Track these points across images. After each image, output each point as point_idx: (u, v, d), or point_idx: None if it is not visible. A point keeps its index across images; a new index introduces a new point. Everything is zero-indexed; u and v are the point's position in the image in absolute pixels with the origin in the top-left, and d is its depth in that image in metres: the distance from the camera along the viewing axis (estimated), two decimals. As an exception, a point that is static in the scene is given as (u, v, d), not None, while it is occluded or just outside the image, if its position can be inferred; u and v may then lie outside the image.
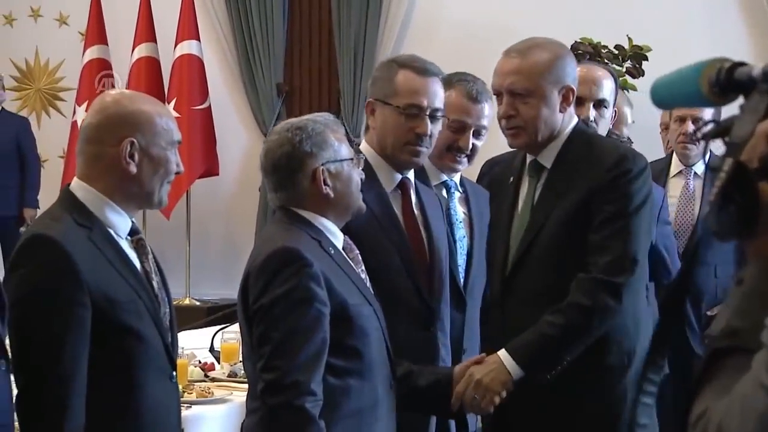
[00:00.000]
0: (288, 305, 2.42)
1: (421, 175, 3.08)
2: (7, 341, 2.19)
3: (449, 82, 3.06)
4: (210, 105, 7.53)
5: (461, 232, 3.13)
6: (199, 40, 7.49)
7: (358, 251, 2.67)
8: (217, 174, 7.59)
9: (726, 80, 1.27)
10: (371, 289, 2.64)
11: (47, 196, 7.43)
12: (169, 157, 2.41)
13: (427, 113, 2.83)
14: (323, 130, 2.61)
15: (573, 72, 2.83)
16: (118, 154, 2.37)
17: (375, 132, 2.94)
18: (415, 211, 2.94)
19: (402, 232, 2.87)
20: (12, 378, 2.24)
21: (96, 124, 2.42)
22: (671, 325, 1.33)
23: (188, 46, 7.45)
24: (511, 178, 2.92)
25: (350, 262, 2.62)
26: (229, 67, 7.81)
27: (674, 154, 4.65)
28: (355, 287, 2.55)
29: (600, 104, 3.51)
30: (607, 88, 3.56)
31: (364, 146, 3.01)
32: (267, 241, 2.58)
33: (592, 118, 3.44)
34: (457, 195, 3.23)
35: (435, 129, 2.87)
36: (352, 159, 2.60)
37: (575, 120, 2.85)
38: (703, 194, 4.49)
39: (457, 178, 3.29)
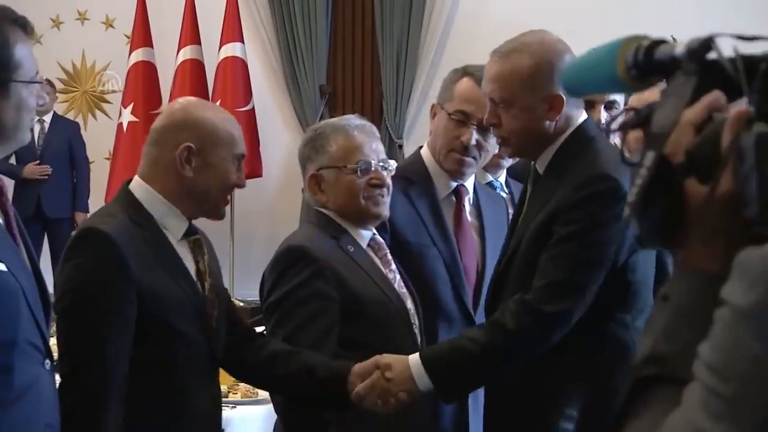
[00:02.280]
0: (294, 302, 2.50)
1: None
2: (52, 341, 2.21)
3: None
4: (254, 107, 7.58)
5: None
6: (243, 43, 7.54)
7: (387, 251, 2.70)
8: (261, 175, 7.63)
9: (645, 61, 1.09)
10: (403, 289, 2.67)
11: (94, 197, 7.53)
12: (227, 167, 2.42)
13: (474, 122, 2.81)
14: (328, 134, 2.64)
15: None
16: (175, 158, 2.40)
17: (431, 136, 2.95)
18: (469, 219, 2.94)
19: (450, 241, 2.87)
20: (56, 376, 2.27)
21: (161, 128, 2.46)
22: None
23: (232, 49, 7.51)
24: (528, 179, 2.69)
25: (375, 260, 2.65)
26: (273, 69, 7.85)
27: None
28: (374, 284, 2.57)
29: (611, 106, 3.47)
30: None
31: (424, 150, 3.01)
32: (285, 240, 2.65)
33: (603, 121, 3.38)
34: (504, 196, 3.23)
35: (485, 140, 2.83)
36: (346, 166, 2.60)
37: (579, 120, 2.50)
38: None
39: (502, 178, 3.28)
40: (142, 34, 7.68)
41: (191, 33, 7.58)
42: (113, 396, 2.27)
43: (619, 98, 3.45)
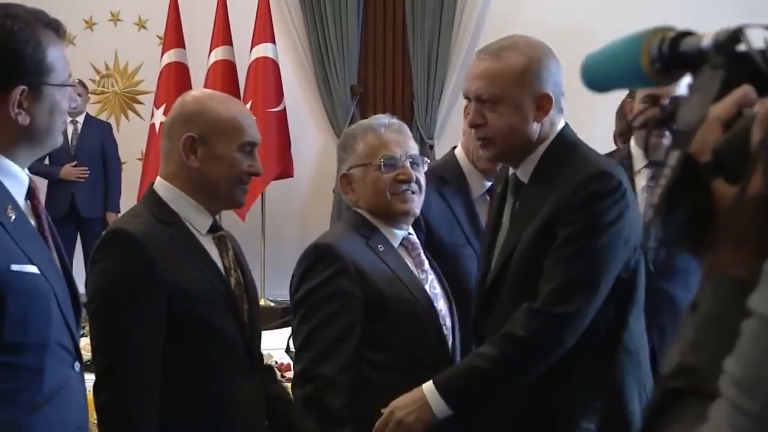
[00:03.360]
0: (317, 299, 2.53)
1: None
2: (82, 342, 2.23)
3: None
4: (285, 107, 7.59)
5: None
6: (275, 43, 7.56)
7: (420, 251, 2.70)
8: (292, 175, 7.65)
9: (670, 54, 1.03)
10: (436, 290, 2.67)
11: (126, 197, 7.58)
12: (236, 157, 2.42)
13: None
14: (357, 134, 2.67)
15: (552, 77, 2.45)
16: (179, 148, 2.42)
17: (465, 135, 2.95)
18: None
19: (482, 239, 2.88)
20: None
21: (170, 121, 2.49)
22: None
23: (264, 49, 7.52)
24: (499, 188, 2.62)
25: (407, 259, 2.66)
26: (304, 69, 7.87)
27: (632, 144, 3.59)
28: (400, 284, 2.58)
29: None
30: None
31: (458, 150, 3.01)
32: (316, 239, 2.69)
33: None
34: None
35: None
36: (371, 163, 2.61)
37: (559, 126, 2.47)
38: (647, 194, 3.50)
39: None
40: (174, 35, 7.72)
41: (223, 34, 7.61)
42: (146, 395, 2.28)
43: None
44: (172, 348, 2.31)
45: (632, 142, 3.45)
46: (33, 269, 1.96)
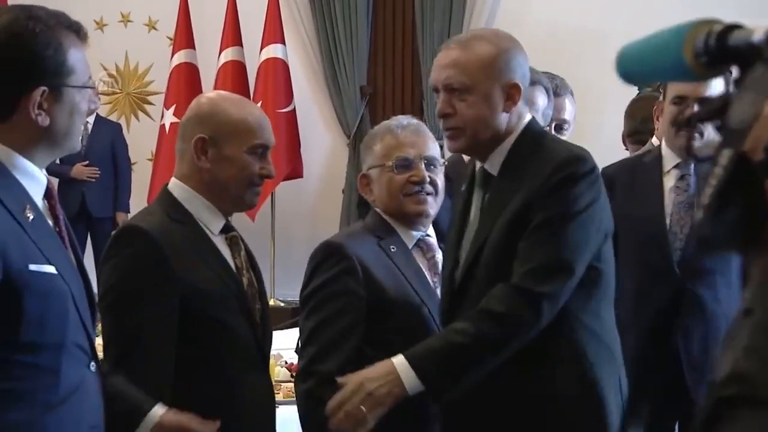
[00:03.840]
0: (323, 296, 2.54)
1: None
2: (98, 341, 2.23)
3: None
4: (294, 108, 7.60)
5: None
6: (285, 44, 7.56)
7: (435, 253, 2.69)
8: (301, 176, 7.65)
9: (717, 47, 0.99)
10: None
11: (136, 198, 7.59)
12: (246, 159, 2.43)
13: None
14: (376, 134, 2.69)
15: (521, 68, 2.44)
16: (191, 149, 2.44)
17: None
18: None
19: None
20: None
21: (184, 122, 2.52)
22: (662, 361, 1.03)
23: (274, 50, 7.53)
24: (463, 186, 2.58)
25: (421, 262, 2.66)
26: (314, 70, 7.87)
27: (663, 145, 3.49)
28: (408, 286, 2.57)
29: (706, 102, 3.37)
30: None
31: None
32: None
33: None
34: None
35: None
36: (386, 164, 2.62)
37: (526, 119, 2.45)
38: (691, 194, 3.41)
39: None
40: (184, 36, 7.73)
41: (233, 35, 7.62)
42: (155, 392, 2.29)
43: (717, 92, 3.31)
44: (184, 346, 2.32)
45: (663, 142, 3.42)
46: (50, 269, 1.97)
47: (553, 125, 3.07)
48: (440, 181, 2.66)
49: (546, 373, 2.35)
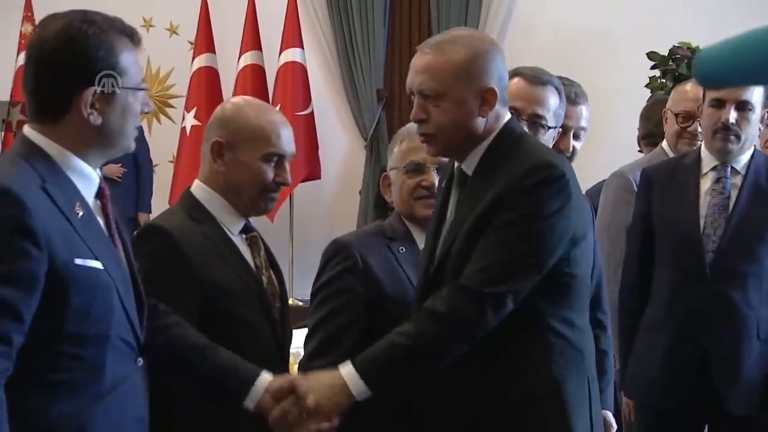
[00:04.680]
0: (325, 294, 2.57)
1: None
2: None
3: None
4: (312, 111, 7.62)
5: None
6: (303, 48, 7.59)
7: None
8: (319, 178, 7.67)
9: None
10: None
11: (157, 199, 7.63)
12: (260, 166, 2.46)
13: (525, 118, 2.79)
14: (396, 138, 2.71)
15: (497, 71, 2.35)
16: (209, 152, 2.49)
17: None
18: None
19: None
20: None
21: (208, 125, 2.56)
22: (691, 362, 0.85)
23: (292, 54, 7.56)
24: (444, 182, 2.53)
25: None
26: (331, 73, 7.90)
27: (702, 147, 3.43)
28: (410, 285, 2.57)
29: (743, 106, 3.28)
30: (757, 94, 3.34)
31: None
32: None
33: (732, 121, 3.26)
34: None
35: (537, 136, 2.79)
36: (400, 167, 2.64)
37: (504, 119, 2.37)
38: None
39: None
40: (204, 41, 7.76)
41: (252, 39, 7.65)
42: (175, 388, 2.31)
43: (757, 97, 3.27)
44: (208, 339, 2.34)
45: (702, 145, 3.42)
46: (96, 264, 2.01)
47: (570, 133, 3.05)
48: None
49: (511, 373, 2.29)
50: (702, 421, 3.38)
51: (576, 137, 3.10)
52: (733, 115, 3.28)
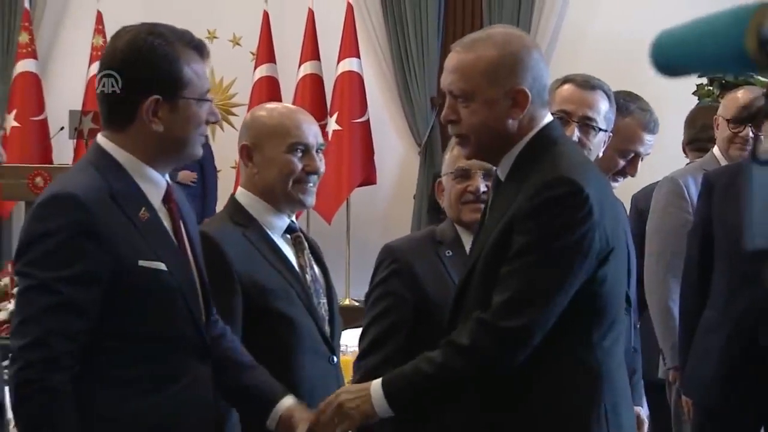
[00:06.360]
0: (375, 297, 2.59)
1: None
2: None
3: (626, 108, 2.96)
4: (369, 118, 7.64)
5: None
6: (359, 58, 7.61)
7: None
8: (375, 182, 7.69)
9: None
10: None
11: (221, 204, 7.69)
12: (287, 158, 2.47)
13: (576, 120, 2.77)
14: (450, 144, 2.69)
15: (530, 71, 2.16)
16: (241, 158, 2.55)
17: None
18: None
19: None
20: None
21: (238, 137, 2.59)
22: (747, 363, 0.75)
23: (349, 64, 7.59)
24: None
25: None
26: (387, 82, 7.92)
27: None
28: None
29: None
30: None
31: None
32: None
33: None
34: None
35: (588, 138, 2.78)
36: (450, 173, 2.64)
37: (542, 122, 2.18)
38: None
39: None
40: (266, 52, 7.83)
41: (311, 50, 7.70)
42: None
43: None
44: (250, 337, 2.37)
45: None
46: (160, 266, 2.03)
47: (640, 159, 3.03)
48: None
49: (522, 401, 2.15)
50: (757, 424, 3.32)
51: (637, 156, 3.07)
52: None
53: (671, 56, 0.92)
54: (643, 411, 2.94)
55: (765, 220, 0.78)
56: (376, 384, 2.15)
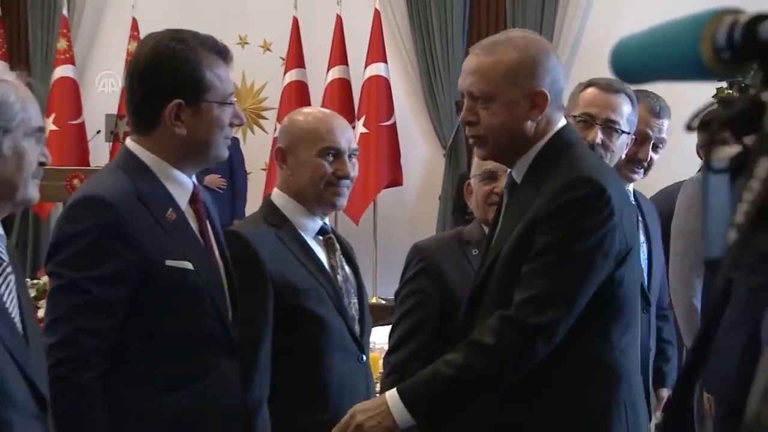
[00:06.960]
0: (403, 295, 2.63)
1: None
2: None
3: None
4: (395, 121, 7.69)
5: (641, 237, 3.04)
6: (386, 63, 7.66)
7: None
8: (401, 184, 7.73)
9: (745, 41, 0.79)
10: None
11: (251, 206, 7.75)
12: (318, 162, 2.46)
13: (599, 122, 2.79)
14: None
15: (549, 74, 2.15)
16: (276, 160, 2.57)
17: None
18: None
19: None
20: None
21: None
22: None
23: (376, 68, 7.64)
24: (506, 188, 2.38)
25: None
26: (413, 86, 7.96)
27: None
28: None
29: None
30: None
31: None
32: None
33: None
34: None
35: (611, 140, 2.79)
36: (477, 175, 2.66)
37: (558, 125, 2.17)
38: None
39: (630, 188, 3.26)
40: (295, 57, 7.89)
41: (339, 55, 7.75)
42: (254, 376, 2.36)
43: None
44: (281, 336, 2.40)
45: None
46: (187, 265, 2.04)
47: (650, 143, 3.04)
48: None
49: (541, 400, 2.12)
50: None
51: (655, 148, 3.08)
52: None
53: (630, 63, 0.91)
54: (665, 392, 3.06)
55: (720, 230, 0.78)
56: (393, 396, 2.09)
